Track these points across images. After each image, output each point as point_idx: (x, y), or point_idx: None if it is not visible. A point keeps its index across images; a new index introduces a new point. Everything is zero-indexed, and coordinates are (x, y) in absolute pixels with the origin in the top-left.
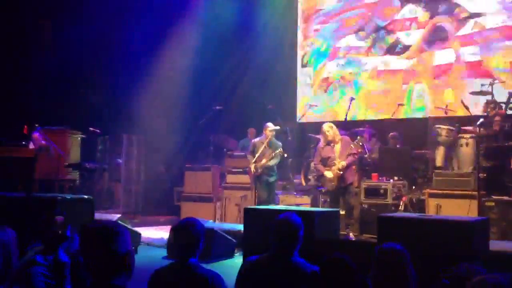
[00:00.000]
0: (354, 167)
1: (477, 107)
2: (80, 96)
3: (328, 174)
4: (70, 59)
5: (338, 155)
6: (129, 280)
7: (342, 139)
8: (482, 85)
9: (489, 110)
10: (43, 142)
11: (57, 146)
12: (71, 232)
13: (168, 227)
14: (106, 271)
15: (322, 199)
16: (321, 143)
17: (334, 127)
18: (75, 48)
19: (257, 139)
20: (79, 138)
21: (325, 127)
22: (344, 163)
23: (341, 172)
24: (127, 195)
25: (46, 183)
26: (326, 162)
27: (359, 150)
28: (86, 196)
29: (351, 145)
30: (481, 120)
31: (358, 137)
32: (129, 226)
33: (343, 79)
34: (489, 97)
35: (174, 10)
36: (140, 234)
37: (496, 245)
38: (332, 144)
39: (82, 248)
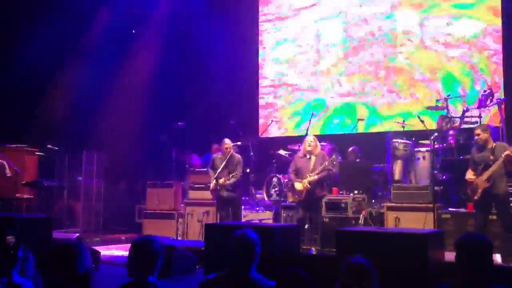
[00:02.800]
0: (324, 182)
1: (432, 122)
2: (37, 113)
3: (298, 186)
4: (27, 74)
5: (311, 168)
6: None
7: (319, 153)
8: (437, 100)
9: (444, 124)
10: None
11: (14, 164)
12: (24, 253)
13: (129, 245)
14: None
15: (285, 214)
16: (300, 153)
17: (317, 141)
18: (34, 63)
19: (216, 155)
20: (36, 156)
21: (309, 138)
22: (315, 177)
23: (310, 186)
24: (87, 213)
25: (3, 202)
26: (299, 173)
27: (332, 168)
28: (43, 215)
29: (326, 161)
30: (436, 134)
31: (333, 155)
32: (88, 245)
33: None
34: (443, 112)
35: (136, 26)
36: (100, 252)
37: (452, 256)
38: (309, 156)
39: (41, 268)
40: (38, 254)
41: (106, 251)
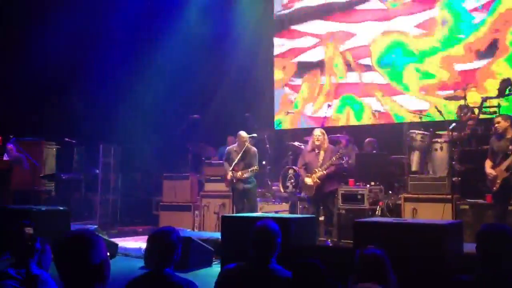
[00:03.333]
0: (334, 177)
1: (450, 112)
2: (55, 106)
3: (308, 181)
4: (45, 68)
5: (321, 163)
6: None
7: (328, 148)
8: (455, 90)
9: (462, 114)
10: (17, 153)
11: (32, 157)
12: (41, 244)
13: (146, 237)
14: (81, 282)
15: (301, 206)
16: (308, 147)
17: (326, 134)
18: (50, 57)
19: (231, 147)
20: (54, 149)
21: (317, 132)
22: (324, 172)
23: (319, 181)
24: (104, 206)
25: (22, 194)
26: (309, 167)
27: (340, 162)
28: (61, 208)
29: (334, 156)
30: (454, 124)
31: (340, 150)
32: (105, 237)
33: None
34: (462, 102)
35: (151, 20)
36: (117, 244)
37: (471, 247)
38: (317, 151)
39: (56, 259)
40: (54, 245)
41: (123, 243)
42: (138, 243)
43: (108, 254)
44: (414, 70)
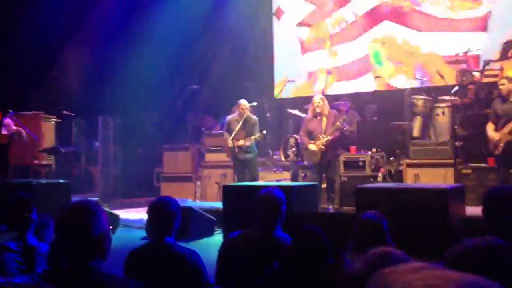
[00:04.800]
0: (338, 142)
1: (452, 76)
2: (53, 79)
3: (312, 147)
4: (41, 41)
5: (324, 129)
6: (104, 260)
7: (330, 113)
8: (456, 53)
9: (463, 78)
10: (15, 127)
11: (31, 131)
12: (44, 219)
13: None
14: (82, 253)
15: (302, 174)
16: (309, 115)
17: (325, 100)
18: (47, 30)
19: (231, 116)
20: (53, 122)
21: (316, 98)
22: (329, 138)
23: (324, 147)
24: (105, 178)
25: (21, 169)
26: (312, 134)
27: (344, 127)
28: (62, 181)
29: (338, 120)
30: (456, 88)
31: (344, 116)
32: (107, 209)
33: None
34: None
35: None
36: (118, 216)
37: (473, 211)
38: (319, 117)
39: (57, 229)
40: (56, 216)
41: (125, 215)
42: (140, 214)
43: (110, 226)
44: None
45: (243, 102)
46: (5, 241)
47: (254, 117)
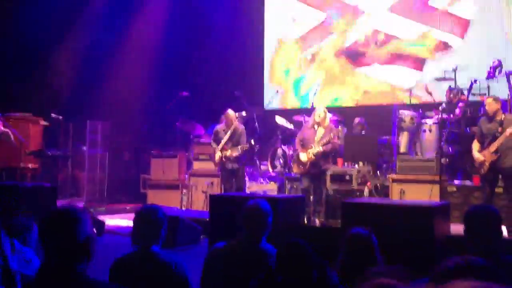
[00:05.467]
0: (329, 155)
1: (440, 93)
2: (42, 81)
3: (302, 156)
4: (31, 42)
5: (318, 140)
6: (88, 265)
7: (327, 126)
8: (445, 71)
9: (451, 96)
10: (3, 129)
11: (18, 133)
12: (28, 222)
13: (133, 215)
14: (66, 257)
15: (289, 186)
16: (309, 124)
17: (327, 113)
18: (35, 31)
19: (218, 126)
20: (41, 125)
21: (319, 109)
22: (320, 149)
23: (314, 158)
24: (92, 183)
25: (7, 171)
26: (305, 143)
27: (337, 141)
28: (48, 185)
29: (332, 133)
30: (443, 106)
31: (339, 127)
32: (93, 215)
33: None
34: (451, 83)
35: None
36: (104, 222)
37: (458, 229)
38: (316, 128)
39: (41, 233)
40: (40, 220)
41: (111, 221)
42: (125, 220)
43: (95, 231)
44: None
45: (230, 112)
46: None
47: (242, 127)
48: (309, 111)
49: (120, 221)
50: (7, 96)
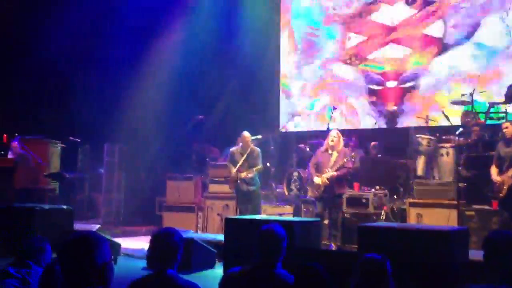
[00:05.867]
0: (344, 180)
1: (457, 117)
2: (60, 105)
3: (317, 180)
4: (50, 67)
5: (332, 164)
6: None
7: (341, 149)
8: (462, 94)
9: (468, 120)
10: (21, 151)
11: (37, 156)
12: (41, 242)
13: (149, 238)
14: (83, 283)
15: (305, 209)
16: (323, 148)
17: (341, 137)
18: (55, 55)
19: (234, 148)
20: (59, 148)
21: (333, 132)
22: (334, 173)
23: (328, 182)
24: (108, 205)
25: (25, 193)
26: (319, 167)
27: (351, 166)
28: (65, 206)
29: (346, 158)
30: (461, 129)
31: (352, 153)
32: (108, 237)
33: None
34: (469, 107)
35: (157, 21)
36: (120, 244)
37: (476, 254)
38: (331, 152)
39: (60, 259)
40: (58, 245)
41: (126, 243)
42: (141, 243)
43: (113, 257)
44: None
45: (246, 134)
46: (6, 266)
47: (257, 149)
48: (324, 133)
49: (135, 243)
50: (26, 119)
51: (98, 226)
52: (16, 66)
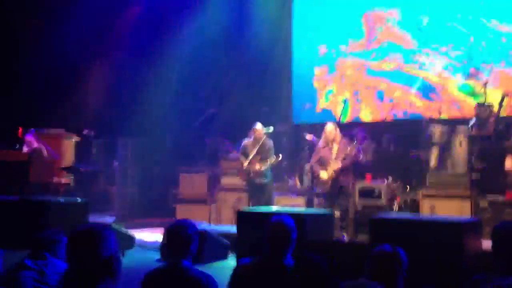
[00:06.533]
0: (349, 170)
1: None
2: (75, 98)
3: (323, 175)
4: (64, 61)
5: (335, 157)
6: (115, 284)
7: (341, 141)
8: (475, 86)
9: (481, 111)
10: (36, 145)
11: (51, 149)
12: (58, 235)
13: (162, 230)
14: (90, 275)
15: (317, 201)
16: (321, 143)
17: (338, 129)
18: (69, 48)
19: (246, 140)
20: (73, 141)
21: (329, 127)
22: (339, 165)
23: (336, 174)
24: (122, 198)
25: (41, 186)
26: (323, 162)
27: (354, 154)
28: (80, 199)
29: (349, 148)
30: (474, 120)
31: (355, 141)
32: (123, 229)
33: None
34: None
35: (168, 13)
36: (134, 236)
37: (489, 245)
38: (331, 145)
39: (67, 251)
40: (67, 237)
41: (140, 235)
42: (155, 235)
43: (121, 249)
44: None
45: (258, 126)
46: (22, 258)
47: (270, 142)
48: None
49: (149, 235)
50: (41, 113)
51: (112, 218)
52: (31, 60)
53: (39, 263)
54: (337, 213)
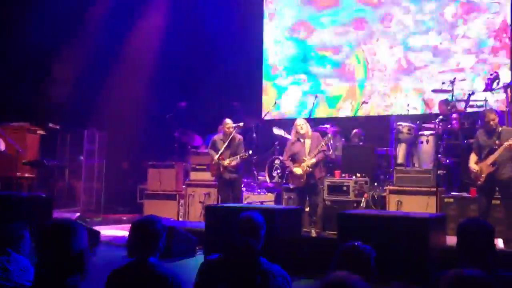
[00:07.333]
0: (321, 164)
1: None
2: (39, 91)
3: (298, 170)
4: (29, 52)
5: (308, 151)
6: (83, 280)
7: (313, 135)
8: (443, 82)
9: (448, 108)
10: None
11: (15, 143)
12: (20, 230)
13: (130, 226)
14: (59, 270)
15: (286, 196)
16: (292, 138)
17: (307, 123)
18: (36, 41)
19: (216, 136)
20: (38, 134)
21: (299, 121)
22: (314, 160)
23: (311, 169)
24: (88, 193)
25: (3, 180)
26: (296, 157)
27: (327, 149)
28: (44, 195)
29: (322, 142)
30: (441, 117)
31: (329, 135)
32: (87, 225)
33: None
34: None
35: (140, 5)
36: (99, 232)
37: (454, 240)
38: (302, 140)
39: (37, 246)
40: (37, 233)
41: (107, 231)
42: (122, 231)
43: (90, 244)
44: None
45: (228, 121)
46: None
47: (239, 137)
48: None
49: (116, 231)
50: (4, 105)
51: (78, 214)
52: None
53: (2, 259)
54: (307, 209)
